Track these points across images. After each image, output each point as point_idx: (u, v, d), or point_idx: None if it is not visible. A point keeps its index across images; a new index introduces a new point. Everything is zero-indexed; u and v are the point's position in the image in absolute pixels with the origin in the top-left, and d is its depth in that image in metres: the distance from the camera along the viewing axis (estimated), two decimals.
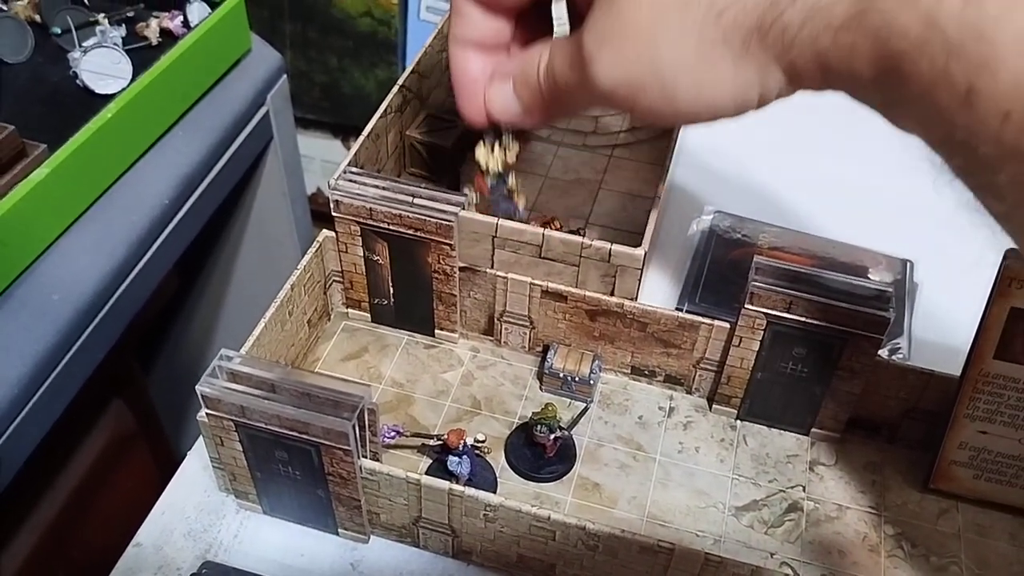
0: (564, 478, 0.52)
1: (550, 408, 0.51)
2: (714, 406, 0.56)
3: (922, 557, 0.50)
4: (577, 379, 0.55)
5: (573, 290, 0.54)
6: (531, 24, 0.46)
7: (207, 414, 0.44)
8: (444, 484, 0.44)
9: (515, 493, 0.51)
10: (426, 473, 0.51)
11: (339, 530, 0.48)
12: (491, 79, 0.46)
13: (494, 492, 0.51)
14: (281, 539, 0.49)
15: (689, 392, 0.57)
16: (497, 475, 0.52)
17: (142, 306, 0.74)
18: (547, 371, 0.56)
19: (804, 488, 0.53)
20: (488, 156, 0.52)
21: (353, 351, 0.58)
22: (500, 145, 0.52)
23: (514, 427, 0.54)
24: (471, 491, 0.44)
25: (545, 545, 0.45)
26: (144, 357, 1.06)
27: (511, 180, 0.54)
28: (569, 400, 0.56)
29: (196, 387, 0.42)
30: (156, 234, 0.72)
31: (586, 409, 0.55)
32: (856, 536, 0.51)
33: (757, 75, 0.35)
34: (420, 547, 0.49)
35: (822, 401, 0.54)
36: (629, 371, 0.57)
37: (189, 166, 0.76)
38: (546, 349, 0.57)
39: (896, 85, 0.32)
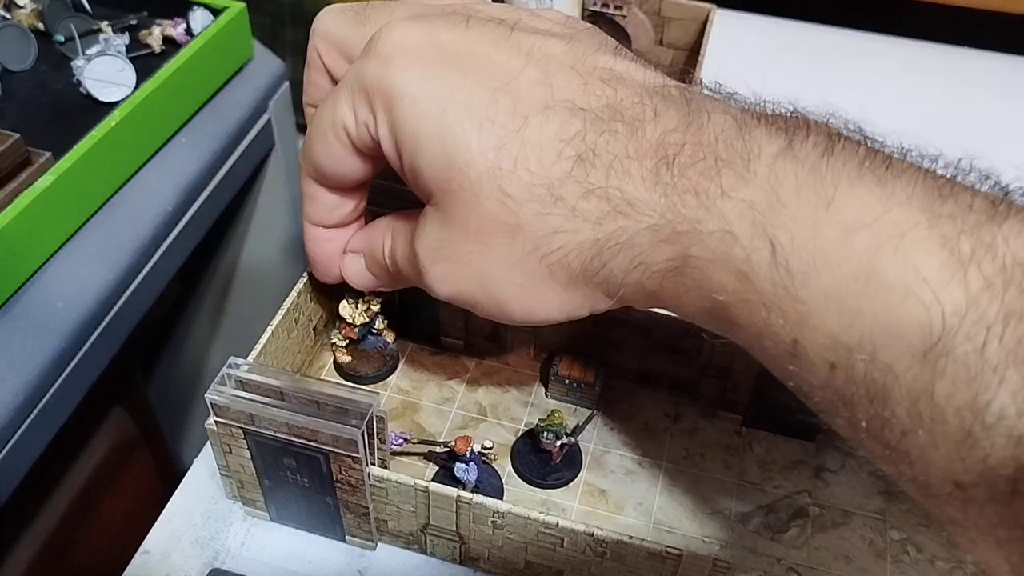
0: (570, 484, 0.52)
1: (556, 415, 0.52)
2: (720, 412, 0.56)
3: (928, 562, 0.50)
4: (583, 386, 0.55)
5: None
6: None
7: (216, 422, 0.44)
8: (452, 491, 0.44)
9: (522, 499, 0.51)
10: (433, 480, 0.51)
11: (347, 537, 0.48)
12: (345, 251, 0.48)
13: (501, 499, 0.51)
14: (288, 546, 0.49)
15: (695, 399, 0.57)
16: (503, 482, 0.52)
17: (146, 314, 0.74)
18: (552, 378, 0.56)
19: (810, 494, 0.53)
20: (354, 312, 0.55)
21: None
22: (364, 300, 0.55)
23: (520, 434, 0.54)
24: (479, 498, 0.44)
25: (553, 551, 0.45)
26: (145, 365, 1.05)
27: (377, 323, 0.56)
28: (575, 407, 0.56)
29: (205, 395, 0.42)
30: (159, 242, 0.72)
31: (592, 416, 0.55)
32: (862, 541, 0.51)
33: (586, 300, 0.37)
34: (428, 554, 0.49)
35: None
36: (635, 378, 0.57)
37: (192, 173, 0.76)
38: (551, 356, 0.57)
39: (727, 330, 0.34)
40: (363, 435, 0.42)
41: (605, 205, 0.34)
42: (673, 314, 0.36)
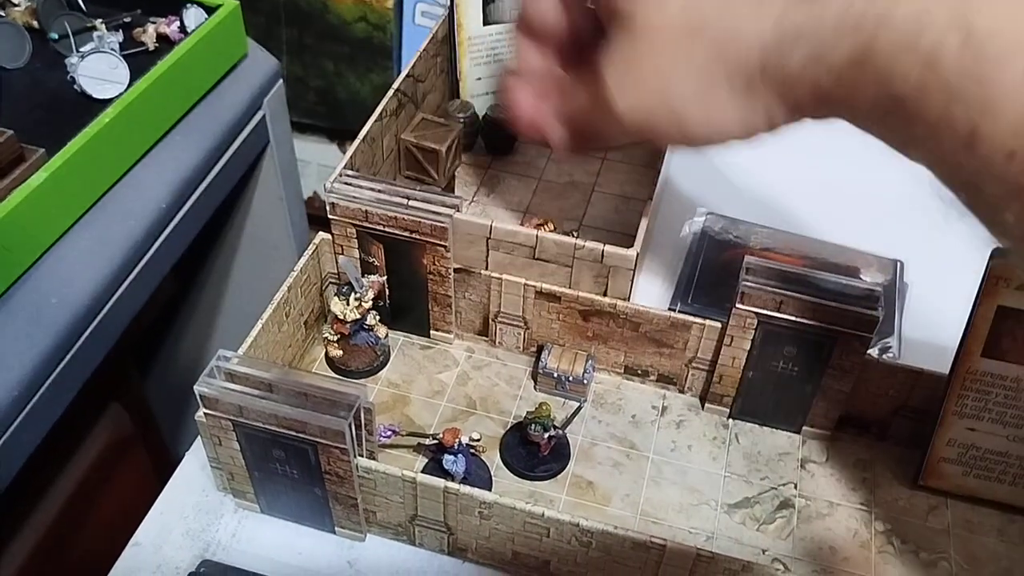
0: (558, 476, 0.53)
1: (544, 407, 0.52)
2: (706, 405, 0.57)
3: (912, 553, 0.51)
4: (571, 379, 0.56)
5: (567, 291, 0.54)
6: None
7: (205, 414, 0.44)
8: (439, 482, 0.44)
9: (510, 491, 0.52)
10: (422, 472, 0.52)
11: (336, 528, 0.49)
12: (522, 78, 0.46)
13: (489, 490, 0.52)
14: (279, 538, 0.49)
15: (682, 391, 0.58)
16: (492, 474, 0.53)
17: (139, 310, 0.75)
18: (541, 371, 0.56)
19: (795, 485, 0.54)
20: (345, 308, 0.55)
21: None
22: (355, 297, 0.55)
23: (509, 426, 0.55)
24: (466, 488, 0.44)
25: (539, 542, 0.46)
26: (141, 360, 1.06)
27: (369, 319, 0.56)
28: (563, 400, 0.57)
29: (194, 387, 0.43)
30: (153, 238, 0.72)
31: (580, 408, 0.55)
32: (847, 533, 0.51)
33: (763, 108, 0.36)
34: (416, 545, 0.49)
35: (813, 399, 0.54)
36: (622, 371, 0.58)
37: (186, 170, 0.76)
38: (540, 349, 0.57)
39: (900, 126, 0.32)
40: (350, 427, 0.42)
41: None
42: (661, 308, 0.35)
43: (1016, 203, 0.29)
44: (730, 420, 0.57)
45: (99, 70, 0.74)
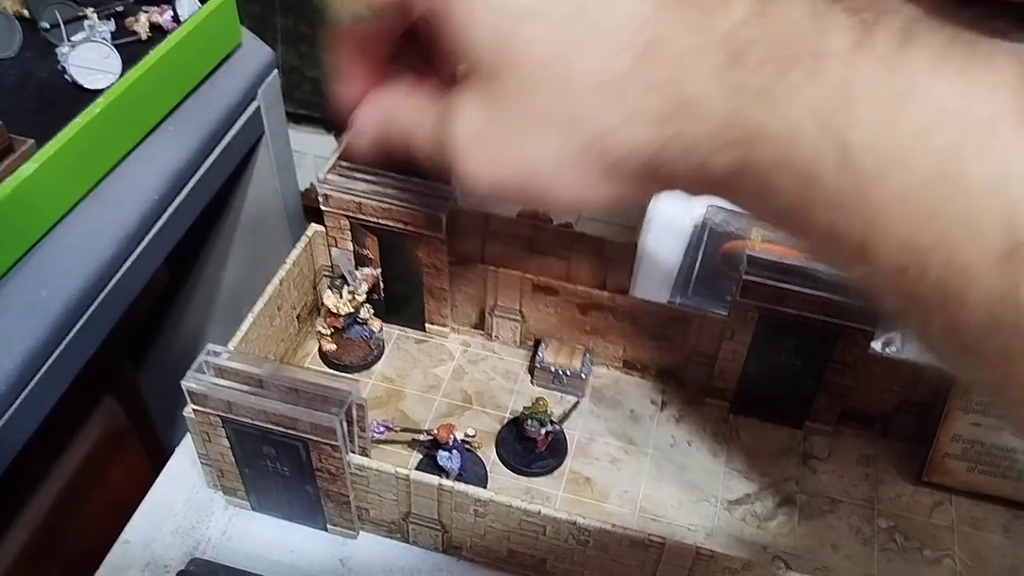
0: (555, 472, 0.52)
1: (540, 402, 0.51)
2: (707, 400, 0.56)
3: (915, 550, 0.50)
4: (568, 373, 0.55)
5: (564, 284, 0.53)
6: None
7: (194, 410, 0.43)
8: (433, 479, 0.44)
9: (506, 488, 0.51)
10: (416, 468, 0.51)
11: (328, 526, 0.48)
12: (359, 118, 0.43)
13: (484, 487, 0.51)
14: (270, 535, 0.48)
15: (682, 386, 0.57)
16: (488, 470, 0.52)
17: (133, 302, 0.74)
18: (538, 365, 0.55)
19: (797, 482, 0.53)
20: (338, 302, 0.54)
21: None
22: (349, 290, 0.54)
23: (505, 421, 0.54)
24: (460, 486, 0.43)
25: (535, 540, 0.45)
26: (135, 353, 1.05)
27: (363, 312, 0.55)
28: (561, 394, 0.56)
29: (182, 382, 0.42)
30: (145, 230, 0.71)
31: (577, 403, 0.54)
32: (849, 530, 0.50)
33: (639, 192, 0.35)
34: (410, 542, 0.48)
35: (815, 394, 0.53)
36: (621, 365, 0.57)
37: (179, 161, 0.75)
38: (537, 343, 0.56)
39: (792, 234, 0.32)
40: (342, 423, 0.41)
41: (668, 103, 0.32)
42: (660, 301, 0.34)
43: (917, 312, 0.29)
44: (731, 415, 0.56)
45: (90, 60, 0.73)
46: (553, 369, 0.55)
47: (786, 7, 0.31)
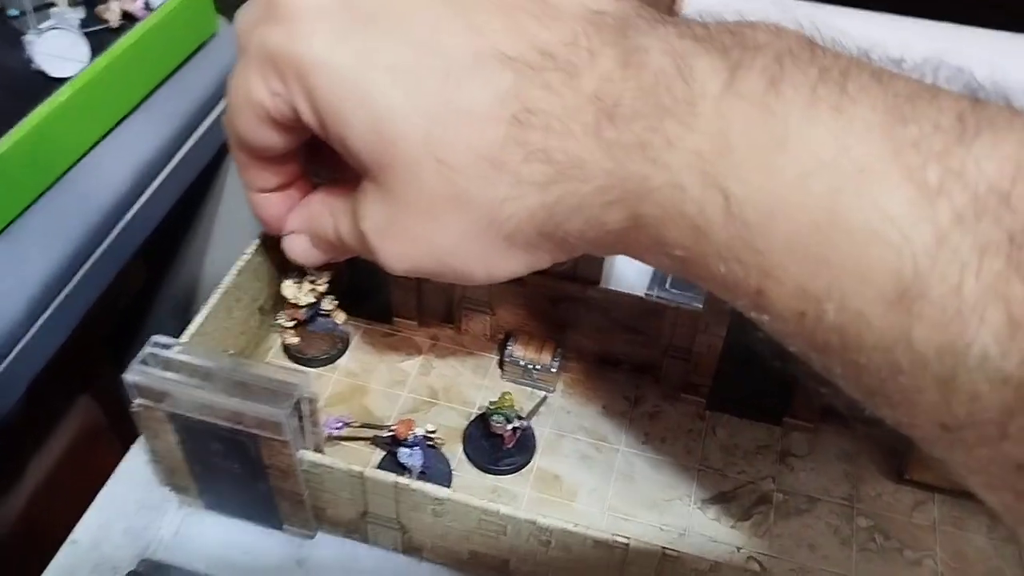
0: (523, 470, 0.50)
1: (507, 397, 0.49)
2: (682, 395, 0.54)
3: (895, 551, 0.48)
4: (539, 367, 0.53)
5: (532, 275, 0.51)
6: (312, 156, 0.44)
7: (138, 404, 0.42)
8: (389, 477, 0.42)
9: (471, 486, 0.49)
10: (378, 466, 0.49)
11: (284, 525, 0.46)
12: (284, 230, 0.45)
13: (448, 485, 0.49)
14: (224, 535, 0.47)
15: (656, 380, 0.55)
16: (453, 467, 0.50)
17: (110, 298, 0.72)
18: (507, 359, 0.53)
19: (774, 479, 0.51)
20: (298, 292, 0.52)
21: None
22: (309, 280, 0.52)
23: (473, 417, 0.52)
24: (417, 484, 0.42)
25: (497, 540, 0.43)
26: (114, 349, 1.03)
27: (325, 303, 0.53)
28: (531, 389, 0.54)
29: (124, 375, 0.40)
30: (112, 224, 0.70)
31: (545, 398, 0.52)
32: (827, 529, 0.49)
33: (549, 255, 0.36)
34: (370, 543, 0.46)
35: (795, 388, 0.51)
36: (593, 359, 0.55)
37: (150, 152, 0.73)
38: (507, 337, 0.55)
39: (695, 279, 0.32)
40: (290, 417, 0.39)
41: (549, 168, 0.31)
42: (637, 294, 0.34)
43: (819, 357, 0.28)
44: (707, 411, 0.54)
45: (58, 47, 0.71)
46: (522, 363, 0.53)
47: (651, 57, 0.30)
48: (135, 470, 0.49)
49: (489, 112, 0.32)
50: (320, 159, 0.42)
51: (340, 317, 0.54)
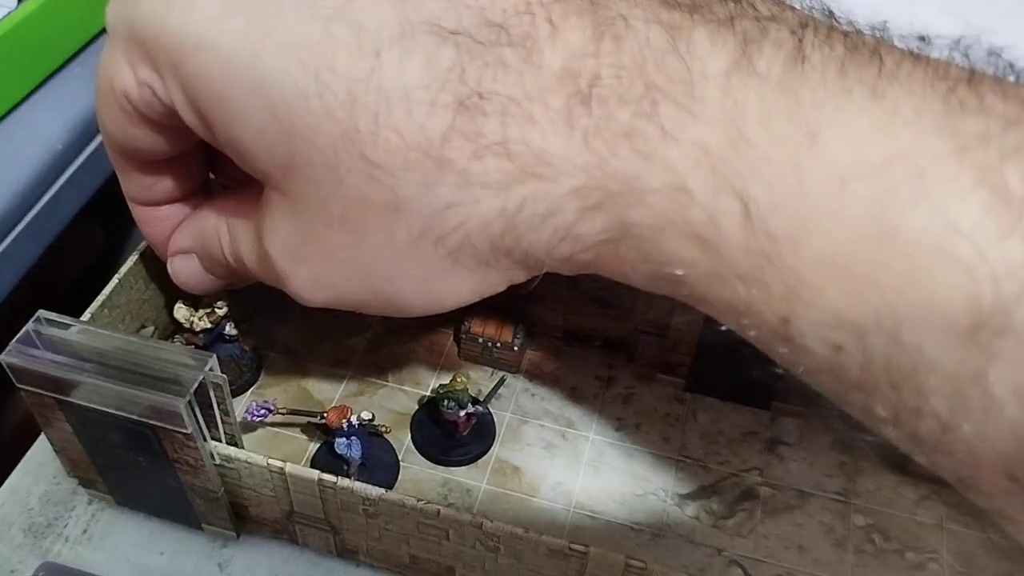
0: (479, 460, 0.45)
1: (459, 380, 0.44)
2: (659, 376, 0.48)
3: (896, 552, 0.42)
4: (499, 345, 0.48)
5: None
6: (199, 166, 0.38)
7: (20, 389, 0.36)
8: (312, 473, 0.36)
9: (419, 479, 0.44)
10: (314, 457, 0.44)
11: (203, 525, 0.41)
12: (170, 252, 0.38)
13: (394, 478, 0.44)
14: (138, 535, 0.41)
15: (631, 359, 0.49)
16: (400, 457, 0.44)
17: (55, 267, 0.66)
18: (464, 336, 0.48)
19: (761, 471, 0.45)
20: (191, 315, 0.45)
21: (244, 313, 0.50)
22: (205, 303, 0.45)
23: (424, 401, 0.47)
24: (344, 482, 0.36)
25: (439, 545, 0.37)
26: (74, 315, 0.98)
27: (228, 328, 0.45)
28: (492, 370, 0.49)
29: (0, 356, 0.35)
30: (46, 185, 0.64)
31: (503, 381, 0.47)
32: (820, 528, 0.43)
33: (503, 277, 0.29)
34: (299, 544, 0.41)
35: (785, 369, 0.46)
36: (560, 335, 0.49)
37: (87, 107, 0.67)
38: (464, 311, 0.49)
39: (695, 306, 0.27)
40: (189, 405, 0.34)
41: (508, 165, 0.25)
42: None
43: (859, 398, 0.24)
44: (687, 394, 0.48)
45: None
46: (481, 340, 0.47)
47: (633, 26, 0.24)
48: (42, 461, 0.44)
49: (426, 97, 0.26)
50: (232, 166, 0.34)
51: (248, 343, 0.47)
